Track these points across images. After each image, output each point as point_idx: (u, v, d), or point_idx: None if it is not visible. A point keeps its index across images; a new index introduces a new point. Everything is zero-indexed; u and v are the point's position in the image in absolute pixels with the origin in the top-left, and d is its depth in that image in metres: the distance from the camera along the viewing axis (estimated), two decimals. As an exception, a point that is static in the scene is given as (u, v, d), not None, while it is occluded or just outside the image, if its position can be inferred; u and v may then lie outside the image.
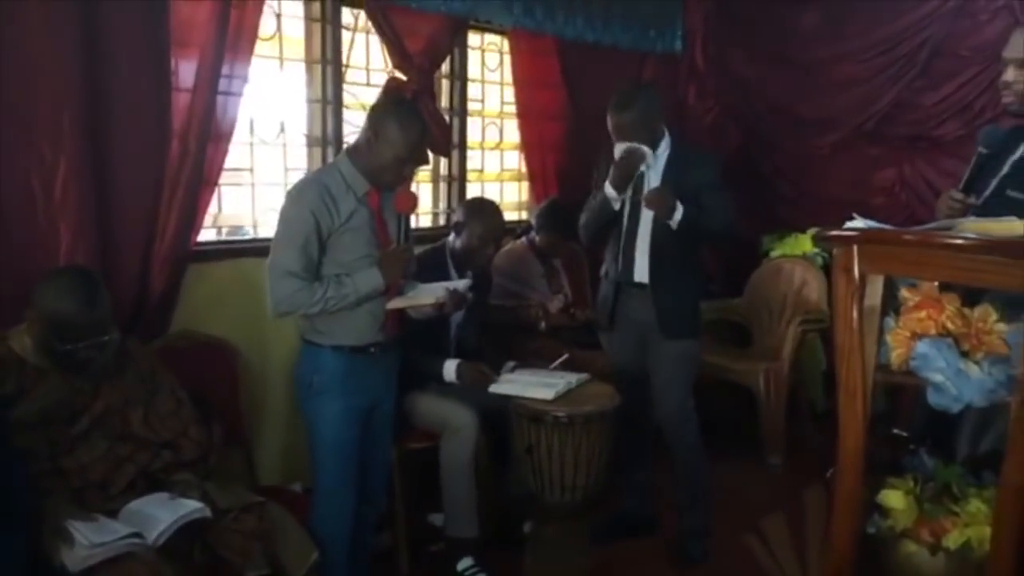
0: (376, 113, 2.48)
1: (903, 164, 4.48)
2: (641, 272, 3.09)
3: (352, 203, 2.46)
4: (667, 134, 3.08)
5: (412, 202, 2.63)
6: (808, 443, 4.17)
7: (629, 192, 3.06)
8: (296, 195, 2.47)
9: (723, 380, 4.16)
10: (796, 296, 4.29)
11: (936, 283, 1.82)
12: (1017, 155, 2.21)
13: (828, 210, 3.37)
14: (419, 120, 2.54)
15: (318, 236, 2.41)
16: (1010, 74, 2.20)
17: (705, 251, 4.47)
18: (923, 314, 1.83)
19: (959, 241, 1.70)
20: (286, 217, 2.45)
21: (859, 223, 1.93)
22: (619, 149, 3.01)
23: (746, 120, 4.99)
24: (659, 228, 3.01)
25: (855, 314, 1.87)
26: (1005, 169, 2.21)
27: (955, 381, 1.79)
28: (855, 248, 1.85)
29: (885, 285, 1.88)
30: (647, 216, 3.04)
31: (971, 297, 1.84)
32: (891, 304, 1.91)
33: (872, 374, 1.89)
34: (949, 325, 1.80)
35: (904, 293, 1.87)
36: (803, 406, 4.42)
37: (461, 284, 2.66)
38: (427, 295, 2.56)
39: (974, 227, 1.83)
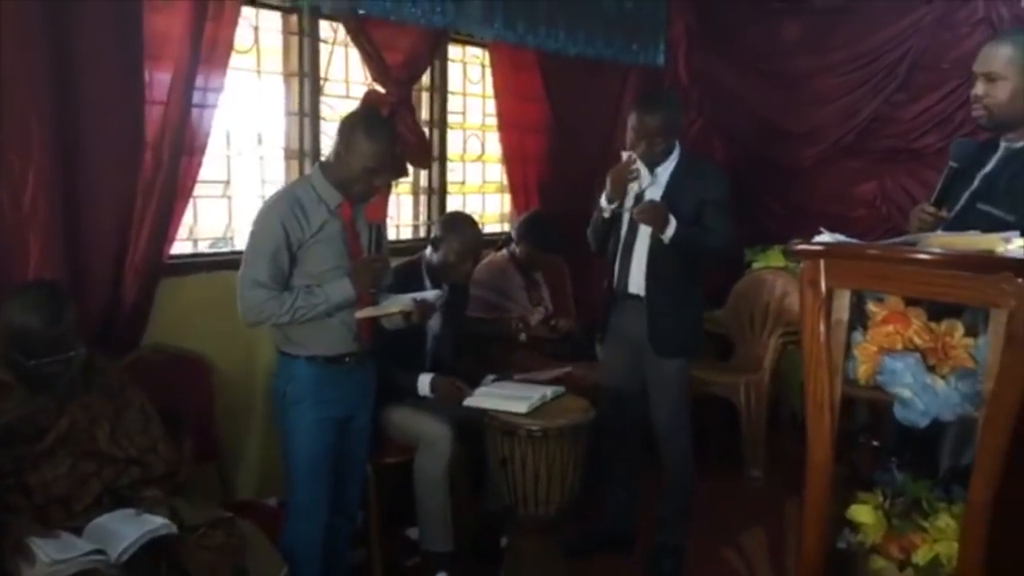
0: (345, 125, 2.50)
1: (884, 177, 4.50)
2: (636, 284, 3.07)
3: (323, 215, 2.47)
4: (678, 145, 3.06)
5: (382, 211, 2.63)
6: (789, 455, 4.16)
7: (630, 202, 3.03)
8: (267, 208, 2.49)
9: (704, 393, 4.14)
10: (778, 308, 4.29)
11: (901, 297, 1.81)
12: (987, 169, 2.20)
13: (811, 223, 3.32)
14: (387, 131, 2.55)
15: (288, 247, 2.42)
16: (980, 88, 2.20)
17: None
18: (890, 328, 1.83)
19: (922, 256, 1.70)
20: (256, 229, 2.46)
21: (826, 237, 1.93)
22: (624, 156, 3.00)
23: (729, 133, 5.01)
24: (657, 240, 2.97)
25: (822, 327, 1.88)
26: (975, 183, 2.21)
27: (922, 396, 1.79)
28: (821, 262, 1.86)
29: (852, 299, 1.88)
30: (645, 229, 3.00)
31: (940, 311, 1.84)
32: (860, 318, 1.91)
33: (839, 388, 1.89)
34: (916, 339, 1.81)
35: (871, 307, 1.87)
36: (784, 418, 4.41)
37: (431, 295, 2.66)
38: (395, 304, 2.56)
39: (940, 241, 1.83)
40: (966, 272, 1.67)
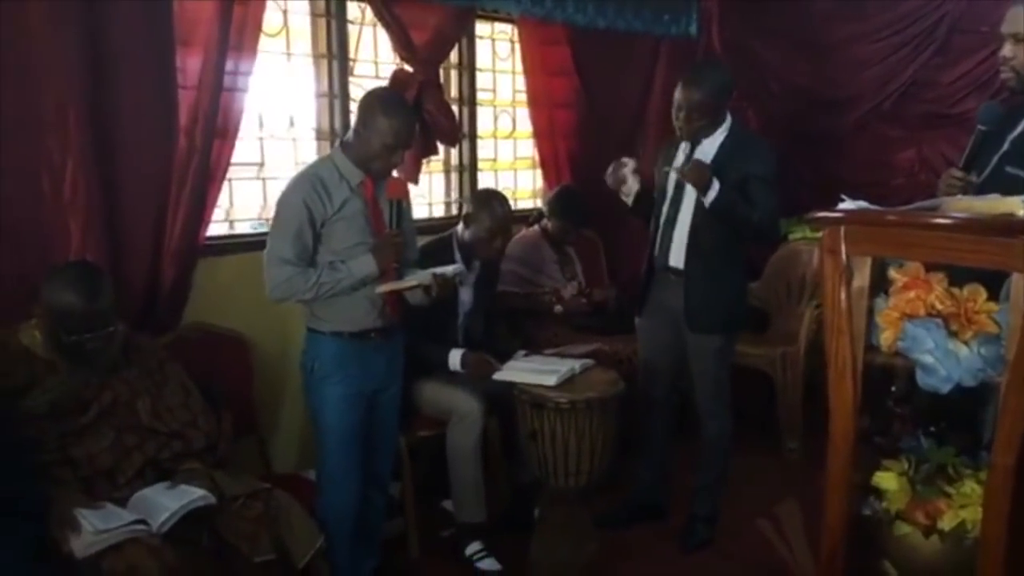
0: (363, 103, 2.53)
1: (922, 144, 4.40)
2: (677, 257, 3.05)
3: (345, 192, 2.51)
4: (728, 118, 3.02)
5: (403, 187, 2.66)
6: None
7: (675, 176, 3.02)
8: (290, 187, 2.53)
9: (740, 365, 4.12)
10: (813, 279, 4.24)
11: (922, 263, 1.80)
12: (1016, 132, 2.17)
13: (848, 192, 3.32)
14: (404, 108, 2.57)
15: (311, 225, 2.47)
16: (1007, 49, 2.16)
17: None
18: (912, 294, 1.82)
19: (941, 220, 1.69)
20: (281, 207, 2.51)
21: (848, 204, 1.92)
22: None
23: (764, 103, 4.93)
24: (700, 213, 2.96)
25: (843, 295, 1.87)
26: (1004, 146, 2.17)
27: (944, 362, 1.78)
28: (841, 229, 1.85)
29: (874, 266, 1.87)
30: (689, 200, 3.00)
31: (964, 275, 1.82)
32: (881, 285, 1.90)
33: (861, 355, 1.88)
34: (938, 305, 1.79)
35: (892, 273, 1.85)
36: (821, 390, 4.37)
37: (450, 269, 2.68)
38: (414, 278, 2.58)
39: (961, 206, 1.81)
40: (986, 236, 1.65)
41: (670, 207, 3.08)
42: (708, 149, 2.98)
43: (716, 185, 2.83)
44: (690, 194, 3.00)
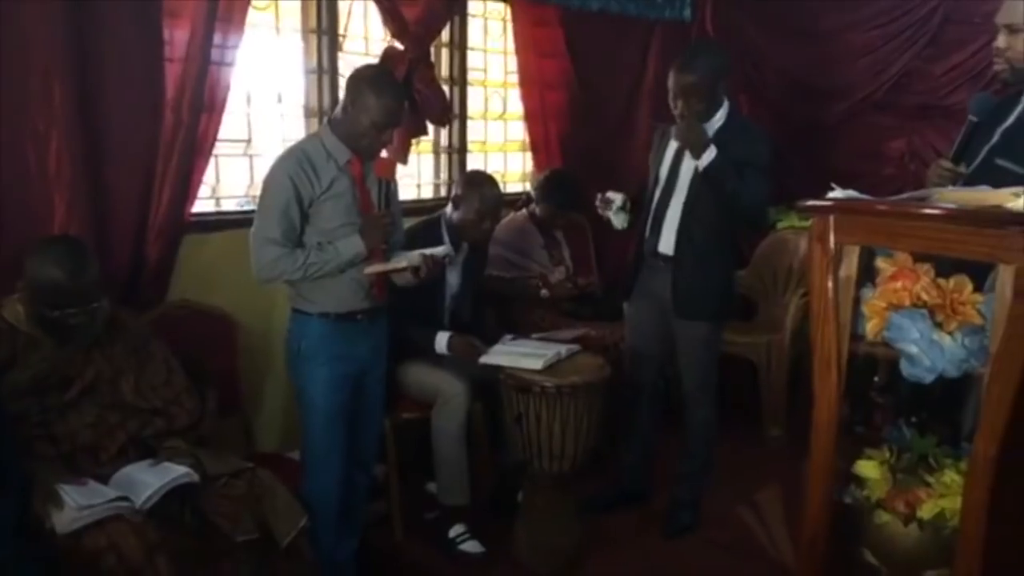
0: (352, 81, 2.49)
1: (913, 134, 4.40)
2: (667, 244, 3.05)
3: (333, 171, 2.48)
4: (726, 103, 2.99)
5: (391, 167, 2.64)
6: (809, 415, 4.15)
7: (668, 162, 3.04)
8: (277, 164, 2.49)
9: (725, 352, 4.13)
10: (800, 268, 4.25)
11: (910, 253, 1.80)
12: (1006, 124, 2.17)
13: (837, 181, 3.32)
14: (393, 86, 2.54)
15: (298, 204, 2.44)
16: (1002, 40, 2.16)
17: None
18: (899, 285, 1.82)
19: (930, 211, 1.69)
20: (267, 186, 2.48)
21: (838, 193, 1.92)
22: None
23: (756, 90, 4.92)
24: (691, 201, 2.96)
25: (830, 284, 1.87)
26: (995, 138, 2.18)
27: (928, 352, 1.78)
28: (830, 218, 1.85)
29: (862, 255, 1.87)
30: (681, 188, 3.00)
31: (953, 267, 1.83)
32: (868, 275, 1.90)
33: (847, 344, 1.89)
34: (924, 296, 1.79)
35: (880, 263, 1.86)
36: (805, 378, 4.39)
37: (439, 251, 2.66)
38: (403, 259, 2.56)
39: (950, 196, 1.82)
40: (974, 227, 1.65)
41: (662, 194, 3.08)
42: (705, 156, 2.91)
43: (713, 150, 2.83)
44: (682, 182, 3.00)
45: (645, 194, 3.16)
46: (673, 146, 3.03)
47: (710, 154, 2.83)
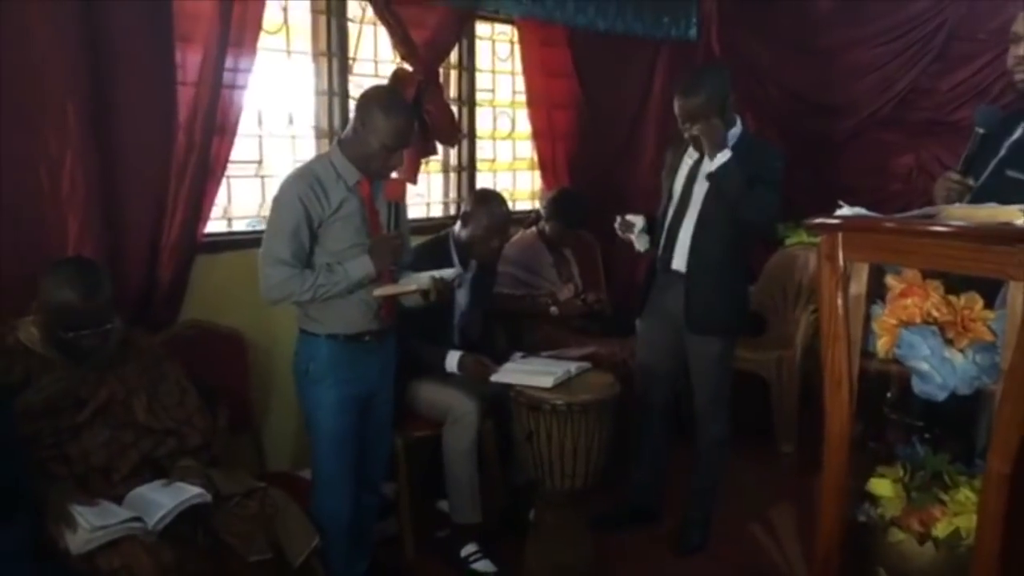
0: (362, 102, 2.50)
1: (920, 150, 4.43)
2: (680, 260, 3.05)
3: (342, 192, 2.49)
4: (739, 124, 3.01)
5: (401, 189, 2.65)
6: (821, 431, 4.13)
7: (682, 179, 3.06)
8: (286, 185, 2.50)
9: (737, 369, 4.12)
10: (810, 284, 4.24)
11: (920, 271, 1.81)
12: (1013, 138, 2.17)
13: (846, 199, 3.33)
14: (404, 108, 2.55)
15: (308, 225, 2.44)
16: (1021, 49, 2.16)
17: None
18: (909, 302, 1.82)
19: (939, 228, 1.69)
20: (277, 206, 2.49)
21: (846, 211, 1.93)
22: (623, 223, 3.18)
23: (762, 107, 4.94)
24: (705, 217, 2.98)
25: (839, 301, 1.88)
26: (1002, 152, 2.18)
27: (940, 369, 1.79)
28: (839, 236, 1.85)
29: (871, 272, 1.87)
30: (695, 205, 3.01)
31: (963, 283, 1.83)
32: (878, 292, 1.90)
33: (857, 362, 1.89)
34: (934, 312, 1.80)
35: (890, 280, 1.86)
36: (816, 394, 4.38)
37: (448, 273, 2.67)
38: (413, 282, 2.57)
39: (959, 213, 1.82)
40: (983, 244, 1.65)
41: (676, 211, 3.09)
42: (719, 157, 2.94)
43: (728, 151, 2.85)
44: (696, 199, 3.01)
45: (658, 212, 3.17)
46: (687, 164, 3.05)
47: (724, 155, 2.85)
